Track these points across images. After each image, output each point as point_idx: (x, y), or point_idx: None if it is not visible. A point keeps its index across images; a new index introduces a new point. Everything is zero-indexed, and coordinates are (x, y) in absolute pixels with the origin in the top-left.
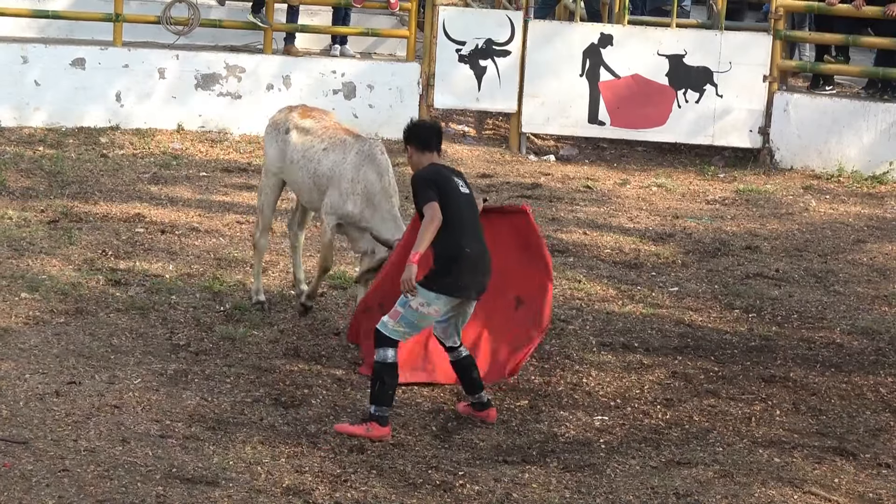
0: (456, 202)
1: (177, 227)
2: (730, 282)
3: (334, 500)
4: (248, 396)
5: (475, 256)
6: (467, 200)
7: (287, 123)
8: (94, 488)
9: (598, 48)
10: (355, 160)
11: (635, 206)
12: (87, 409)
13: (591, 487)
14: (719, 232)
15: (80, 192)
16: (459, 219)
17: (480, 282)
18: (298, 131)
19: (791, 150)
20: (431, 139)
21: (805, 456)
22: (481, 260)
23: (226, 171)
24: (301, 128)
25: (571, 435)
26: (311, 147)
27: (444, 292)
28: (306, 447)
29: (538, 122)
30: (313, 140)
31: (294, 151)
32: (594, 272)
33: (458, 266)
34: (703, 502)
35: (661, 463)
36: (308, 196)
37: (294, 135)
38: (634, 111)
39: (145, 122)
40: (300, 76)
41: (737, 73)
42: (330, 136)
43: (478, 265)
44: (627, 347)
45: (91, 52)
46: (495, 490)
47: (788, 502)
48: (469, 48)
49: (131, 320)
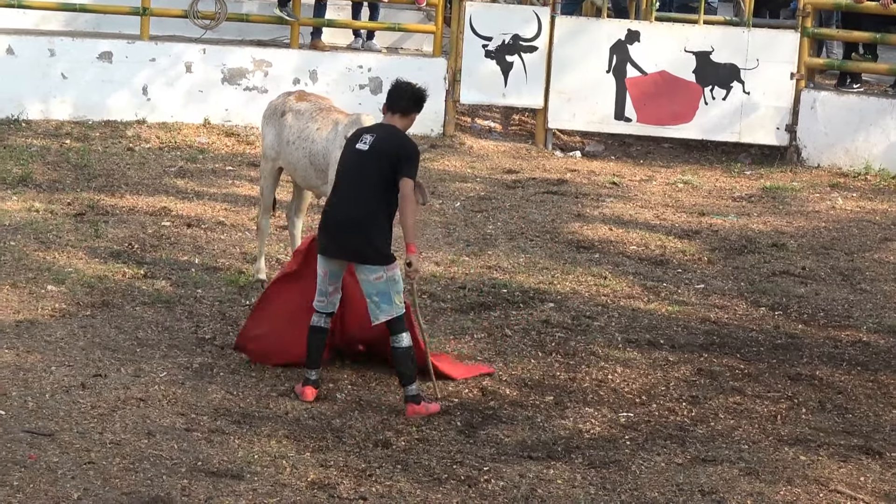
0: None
1: (203, 220)
2: (756, 279)
3: (359, 494)
4: (273, 390)
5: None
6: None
7: (283, 107)
8: (120, 481)
9: (625, 44)
10: (345, 133)
11: (661, 202)
12: (112, 402)
13: (616, 484)
14: (745, 229)
15: (107, 185)
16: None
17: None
18: (294, 114)
19: (818, 148)
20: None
21: (831, 454)
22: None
23: (252, 165)
24: (296, 111)
25: (596, 431)
26: (306, 128)
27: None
28: (331, 441)
29: (564, 118)
30: (308, 122)
31: (290, 133)
32: (620, 269)
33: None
34: (727, 500)
35: (686, 460)
36: (304, 176)
37: (290, 117)
38: (661, 108)
39: (171, 116)
40: (326, 71)
41: (764, 71)
42: (323, 117)
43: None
44: (653, 344)
45: (118, 46)
46: (520, 486)
47: (814, 501)
48: (496, 44)
49: (157, 313)
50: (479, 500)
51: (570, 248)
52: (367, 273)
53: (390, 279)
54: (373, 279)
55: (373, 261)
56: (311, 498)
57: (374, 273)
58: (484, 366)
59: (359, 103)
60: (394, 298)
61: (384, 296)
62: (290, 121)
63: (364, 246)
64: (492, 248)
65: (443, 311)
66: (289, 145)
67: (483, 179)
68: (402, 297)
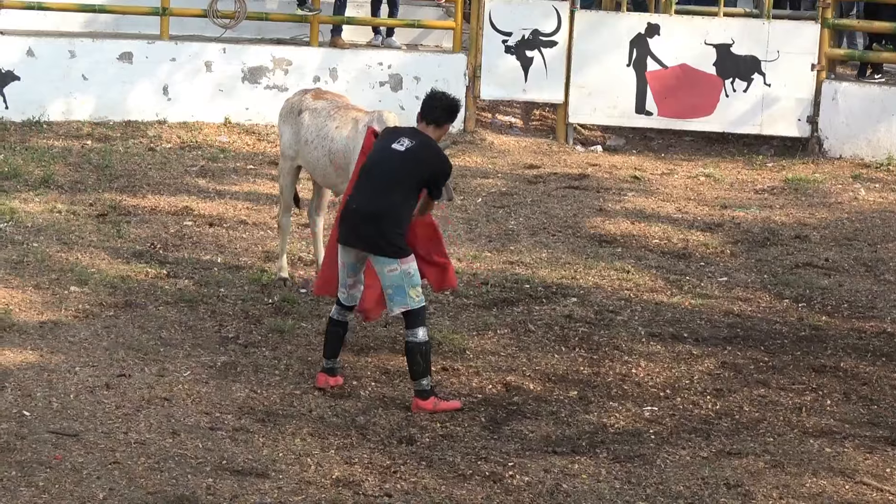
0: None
1: (225, 219)
2: (779, 271)
3: (384, 491)
4: (297, 388)
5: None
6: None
7: (300, 105)
8: (145, 480)
9: (645, 38)
10: (364, 131)
11: (683, 196)
12: (137, 402)
13: (642, 478)
14: (768, 221)
15: (129, 185)
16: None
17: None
18: (311, 112)
19: (840, 139)
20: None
21: (857, 446)
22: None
23: (273, 163)
24: (313, 109)
25: (621, 425)
26: (325, 126)
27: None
28: (356, 438)
29: (585, 112)
30: (326, 120)
31: (308, 132)
32: (642, 262)
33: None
34: (753, 493)
35: (711, 453)
36: (323, 174)
37: (307, 116)
38: (682, 101)
39: (192, 116)
40: (347, 68)
41: (785, 62)
42: (342, 115)
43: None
44: (677, 338)
45: (138, 46)
46: (545, 481)
47: (840, 493)
48: (515, 39)
49: (180, 313)
50: (504, 495)
51: (592, 243)
52: (382, 265)
53: (405, 272)
54: (387, 271)
55: (386, 252)
56: (336, 495)
57: (388, 265)
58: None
59: (379, 100)
60: (408, 292)
61: (398, 289)
62: (308, 119)
63: (378, 237)
64: (514, 244)
65: (465, 307)
66: (307, 144)
67: (504, 175)
68: (418, 290)
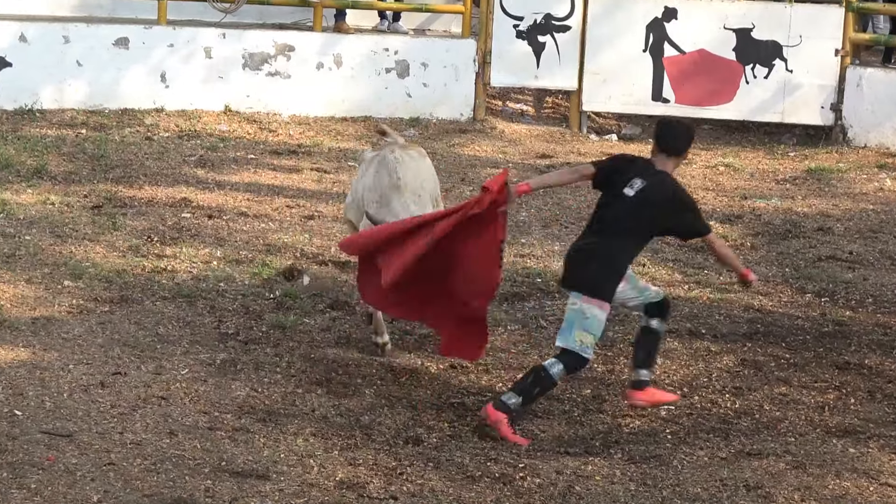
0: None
1: (224, 211)
2: (801, 265)
3: (389, 493)
4: (298, 387)
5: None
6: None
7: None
8: (141, 482)
9: (662, 22)
10: (372, 170)
11: (702, 186)
12: (132, 401)
13: (658, 479)
14: (790, 213)
15: (125, 175)
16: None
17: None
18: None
19: (864, 127)
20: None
21: (881, 446)
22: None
23: (275, 153)
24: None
25: (636, 425)
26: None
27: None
28: (360, 439)
29: (599, 99)
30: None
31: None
32: (659, 255)
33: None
34: (774, 495)
35: (730, 454)
36: None
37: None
38: (700, 88)
39: (191, 104)
40: (352, 54)
41: (807, 47)
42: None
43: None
44: (694, 334)
45: (135, 31)
46: (557, 483)
47: (864, 494)
48: (527, 23)
49: (178, 308)
50: (515, 498)
51: None
52: (572, 297)
53: (579, 312)
54: (569, 303)
55: (580, 287)
56: (340, 498)
57: (575, 298)
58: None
59: (385, 87)
60: (574, 334)
61: (568, 324)
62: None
63: (583, 271)
64: (525, 236)
65: None
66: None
67: (515, 165)
68: (589, 341)
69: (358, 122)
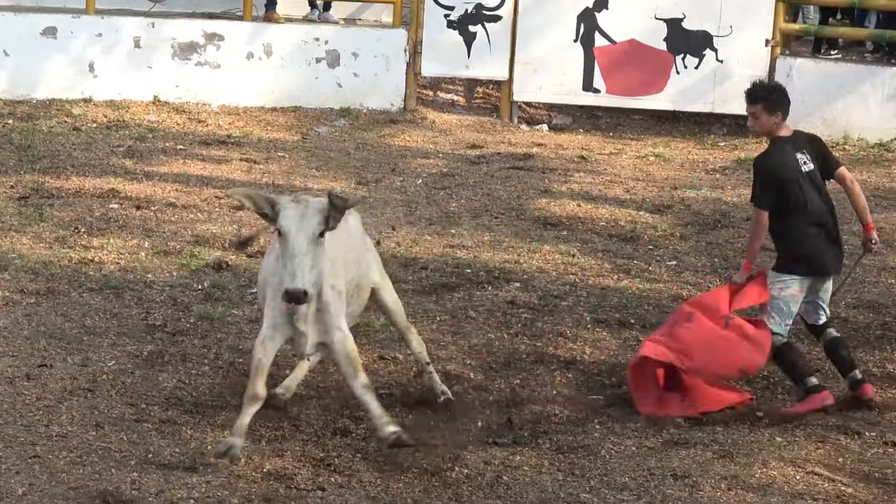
0: (795, 187)
1: (153, 202)
2: (730, 255)
3: (317, 484)
4: (226, 378)
5: (819, 235)
6: (808, 178)
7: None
8: (67, 475)
9: (593, 12)
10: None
11: (632, 176)
12: (58, 393)
13: (585, 469)
14: (719, 203)
15: (52, 166)
16: (803, 202)
17: (828, 259)
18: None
19: (794, 117)
20: (784, 101)
21: (808, 435)
22: (827, 236)
23: (204, 143)
24: None
25: (565, 415)
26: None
27: (797, 273)
28: (288, 430)
29: (530, 89)
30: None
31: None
32: (589, 246)
33: (805, 247)
34: (701, 484)
35: (658, 443)
36: None
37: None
38: (631, 78)
39: (119, 94)
40: (282, 44)
41: (738, 38)
42: None
43: (821, 243)
44: (623, 324)
45: (63, 21)
46: (485, 473)
47: (790, 483)
48: (458, 13)
49: (105, 300)
50: (443, 488)
51: (536, 226)
52: (827, 283)
53: (827, 292)
54: (822, 289)
55: (839, 269)
56: (267, 489)
57: (829, 282)
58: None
59: (315, 77)
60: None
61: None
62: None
63: (837, 252)
64: (455, 227)
65: (404, 292)
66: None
67: (446, 155)
68: (787, 322)
69: (288, 112)
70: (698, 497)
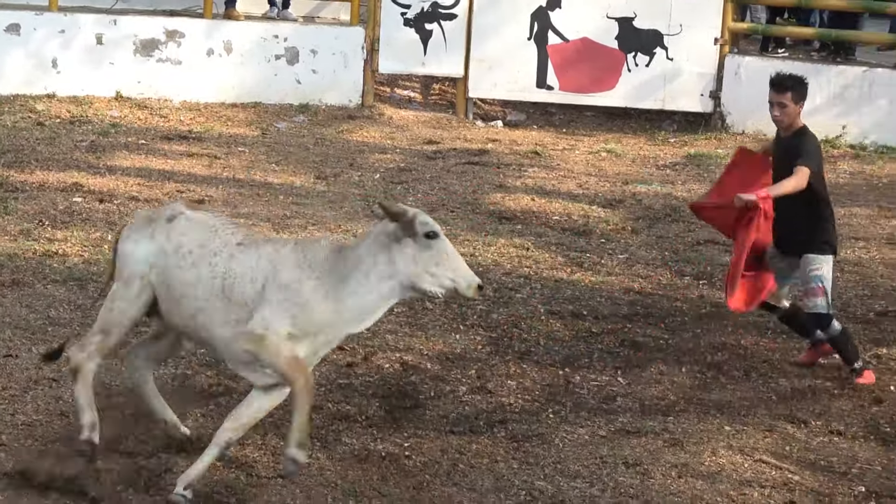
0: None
1: (115, 196)
2: (680, 248)
3: (277, 472)
4: (189, 368)
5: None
6: None
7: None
8: (31, 463)
9: (546, 11)
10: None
11: (584, 171)
12: (24, 383)
13: (539, 457)
14: (670, 198)
15: (16, 160)
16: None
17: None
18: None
19: (743, 114)
20: (806, 92)
21: (756, 424)
22: None
23: (166, 138)
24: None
25: (519, 405)
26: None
27: (833, 253)
28: None
29: (485, 86)
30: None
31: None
32: (542, 240)
33: (835, 228)
34: (652, 471)
35: (610, 432)
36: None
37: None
38: (583, 75)
39: (82, 90)
40: (242, 41)
41: (687, 36)
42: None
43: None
44: (576, 315)
45: (26, 17)
46: (442, 461)
47: (739, 471)
48: (414, 11)
49: (69, 291)
50: (400, 476)
51: (491, 220)
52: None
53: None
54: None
55: None
56: (228, 476)
57: None
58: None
59: (275, 74)
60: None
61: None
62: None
63: None
64: None
65: None
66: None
67: (403, 150)
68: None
69: (248, 108)
70: (649, 484)
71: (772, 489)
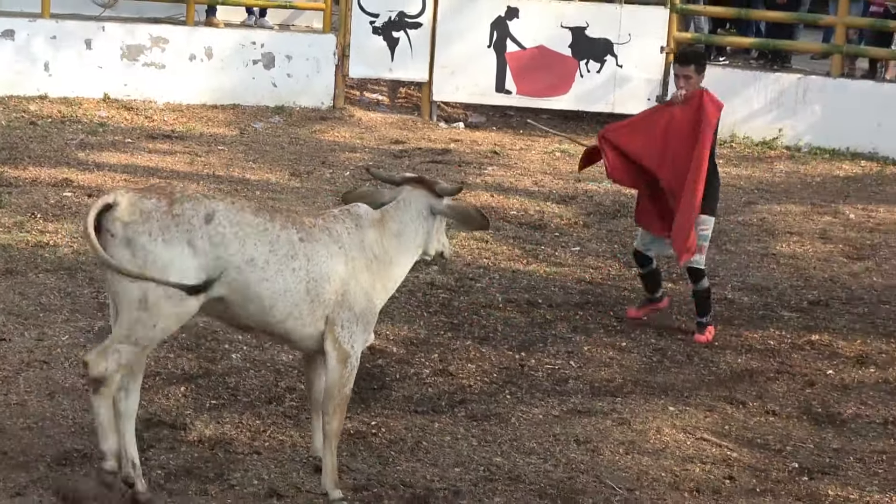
0: None
1: (103, 190)
2: (628, 242)
3: (253, 448)
4: (170, 352)
5: None
6: None
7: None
8: (23, 439)
9: (505, 20)
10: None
11: (540, 170)
12: (16, 365)
13: (497, 435)
14: (619, 195)
15: (10, 157)
16: None
17: None
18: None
19: None
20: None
21: (698, 404)
22: None
23: (150, 137)
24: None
25: (479, 387)
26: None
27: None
28: (227, 399)
29: (448, 90)
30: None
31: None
32: (501, 233)
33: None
34: (601, 448)
35: (562, 412)
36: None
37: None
38: (539, 80)
39: (73, 91)
40: (221, 47)
41: (636, 45)
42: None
43: None
44: (532, 304)
45: (20, 24)
46: (407, 439)
47: (682, 448)
48: (383, 20)
49: (59, 280)
50: (368, 452)
51: None
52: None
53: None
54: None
55: None
56: (206, 452)
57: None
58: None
59: (252, 78)
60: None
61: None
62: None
63: None
64: None
65: None
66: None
67: (371, 150)
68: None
69: (227, 109)
70: (599, 460)
71: (712, 465)
